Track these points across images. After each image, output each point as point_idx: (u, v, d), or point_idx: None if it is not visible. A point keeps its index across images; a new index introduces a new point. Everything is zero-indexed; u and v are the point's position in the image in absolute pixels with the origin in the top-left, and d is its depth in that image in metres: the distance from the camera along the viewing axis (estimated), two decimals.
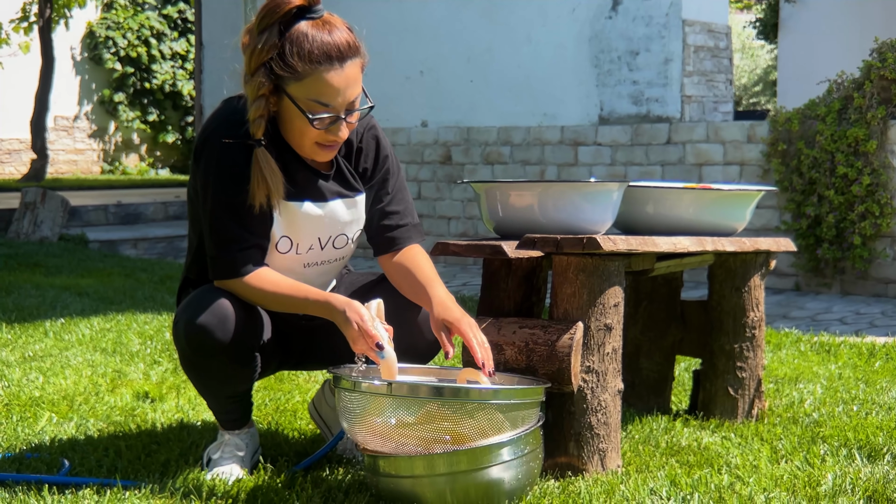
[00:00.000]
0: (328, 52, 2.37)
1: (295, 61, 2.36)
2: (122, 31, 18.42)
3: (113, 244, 9.17)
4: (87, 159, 18.76)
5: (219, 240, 2.53)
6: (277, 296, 2.51)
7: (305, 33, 2.37)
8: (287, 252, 2.62)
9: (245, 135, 2.47)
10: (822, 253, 6.56)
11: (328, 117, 2.42)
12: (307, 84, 2.38)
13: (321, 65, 2.37)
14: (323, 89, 2.39)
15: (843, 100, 6.61)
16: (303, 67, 2.36)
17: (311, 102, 2.39)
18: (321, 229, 2.63)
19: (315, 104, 2.39)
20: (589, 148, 7.80)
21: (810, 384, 3.87)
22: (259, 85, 2.37)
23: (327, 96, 2.39)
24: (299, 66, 2.36)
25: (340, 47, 2.38)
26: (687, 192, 3.14)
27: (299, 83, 2.38)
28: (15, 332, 4.87)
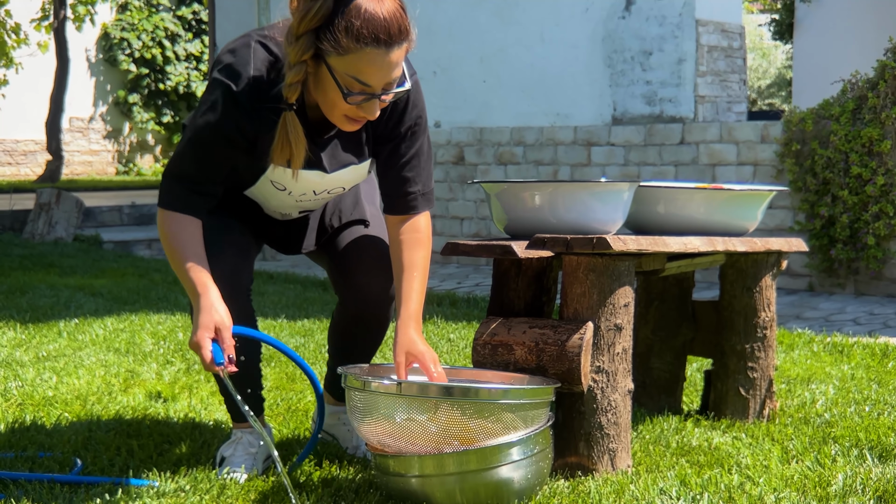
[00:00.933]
0: (377, 34, 2.27)
1: (341, 35, 2.28)
2: (136, 32, 18.48)
3: (127, 245, 9.20)
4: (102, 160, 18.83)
5: (181, 170, 2.51)
6: (174, 247, 2.50)
7: (359, 7, 2.27)
8: (281, 191, 2.65)
9: (272, 98, 2.43)
10: (836, 253, 6.53)
11: (364, 96, 2.35)
12: (349, 60, 2.29)
13: (367, 45, 2.27)
14: (364, 69, 2.31)
15: (858, 100, 6.59)
16: (348, 43, 2.27)
17: (350, 79, 2.32)
18: (317, 187, 2.65)
19: (353, 81, 2.32)
20: (602, 148, 7.79)
21: (822, 385, 3.86)
22: (303, 50, 2.29)
23: (367, 76, 2.32)
24: (345, 41, 2.27)
25: (391, 30, 2.29)
26: (698, 192, 3.14)
27: (341, 57, 2.29)
28: (29, 332, 4.89)
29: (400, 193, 2.62)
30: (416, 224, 2.65)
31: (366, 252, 2.82)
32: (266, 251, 9.02)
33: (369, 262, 2.80)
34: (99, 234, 9.33)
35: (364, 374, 2.66)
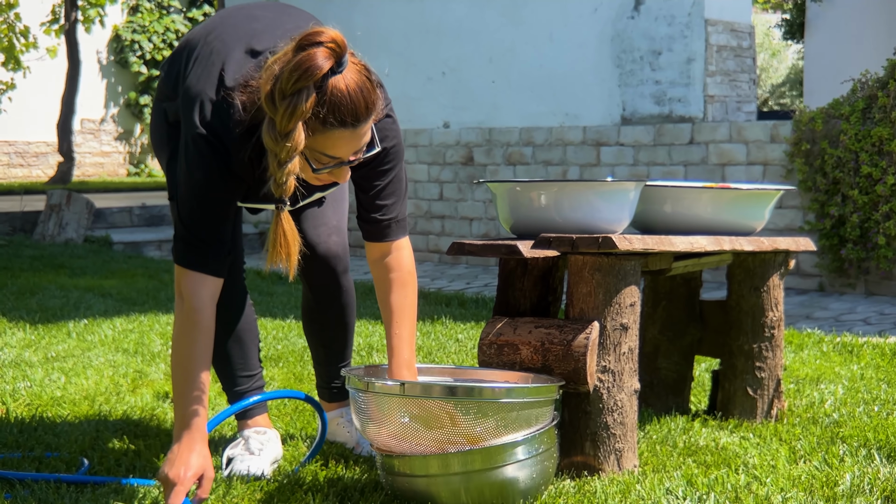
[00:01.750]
0: (343, 118, 2.22)
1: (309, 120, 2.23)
2: (147, 34, 18.53)
3: (137, 246, 9.22)
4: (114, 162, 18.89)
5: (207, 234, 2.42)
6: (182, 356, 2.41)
7: (324, 91, 2.20)
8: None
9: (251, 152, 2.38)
10: (846, 253, 6.51)
11: (332, 167, 2.32)
12: (316, 140, 2.25)
13: (335, 127, 2.23)
14: (332, 147, 2.27)
15: (868, 99, 6.56)
16: (314, 127, 2.22)
17: (319, 154, 2.28)
18: None
19: (322, 156, 2.29)
20: (611, 148, 7.78)
21: (831, 385, 3.85)
22: (296, 144, 2.20)
23: (335, 151, 2.28)
24: (312, 125, 2.22)
25: (357, 111, 2.23)
26: (705, 191, 3.13)
27: (309, 138, 2.24)
28: (38, 332, 4.91)
29: (374, 220, 2.60)
30: (399, 261, 2.62)
31: (318, 218, 2.86)
32: None
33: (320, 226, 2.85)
34: (109, 235, 9.36)
35: (367, 374, 2.67)
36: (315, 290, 2.93)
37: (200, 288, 2.41)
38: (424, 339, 4.80)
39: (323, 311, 2.95)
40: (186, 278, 2.42)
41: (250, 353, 2.89)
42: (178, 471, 2.32)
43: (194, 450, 2.35)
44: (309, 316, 3.01)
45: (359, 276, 7.90)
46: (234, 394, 2.89)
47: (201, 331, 2.41)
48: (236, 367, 2.86)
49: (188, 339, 2.40)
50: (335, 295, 2.93)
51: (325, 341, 2.99)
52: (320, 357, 3.02)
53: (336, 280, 2.91)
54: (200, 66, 2.42)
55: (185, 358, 2.40)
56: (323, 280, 2.90)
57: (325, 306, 2.94)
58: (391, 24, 8.86)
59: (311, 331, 3.02)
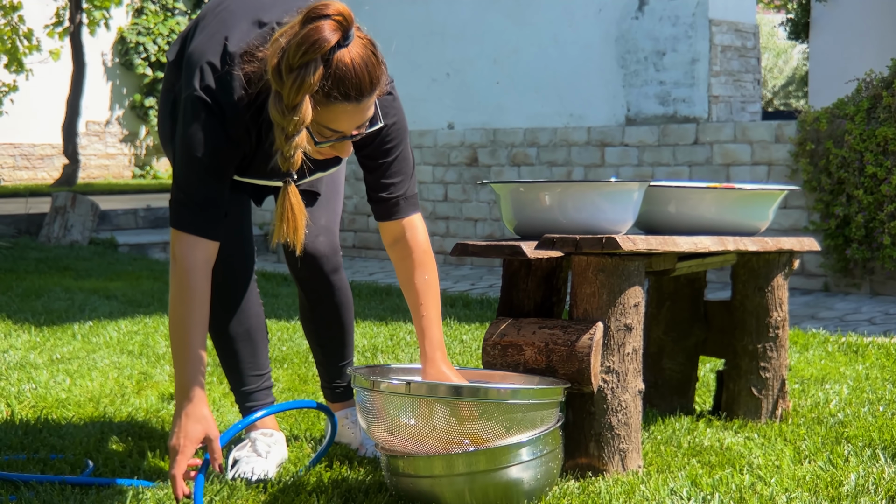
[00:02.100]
0: (347, 92, 2.23)
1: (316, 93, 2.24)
2: (152, 36, 18.55)
3: (142, 247, 9.23)
4: (119, 164, 18.91)
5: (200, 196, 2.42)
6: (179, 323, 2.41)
7: (329, 64, 2.20)
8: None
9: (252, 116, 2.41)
10: (851, 253, 6.50)
11: (334, 140, 2.33)
12: (319, 113, 2.25)
13: (338, 101, 2.23)
14: (335, 120, 2.28)
15: (872, 99, 6.56)
16: (318, 101, 2.23)
17: (322, 127, 2.29)
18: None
19: (324, 129, 2.30)
20: (616, 149, 7.78)
21: (836, 385, 3.84)
22: (303, 118, 2.21)
23: (338, 125, 2.29)
24: (316, 98, 2.23)
25: (361, 85, 2.24)
26: (709, 191, 3.13)
27: (315, 110, 2.24)
28: (43, 334, 4.91)
29: (381, 199, 2.60)
30: (415, 240, 2.61)
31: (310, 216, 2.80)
32: (279, 254, 9.04)
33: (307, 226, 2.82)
34: (114, 238, 9.37)
35: (373, 374, 2.67)
36: (306, 289, 2.96)
37: (193, 250, 2.41)
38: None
39: (314, 309, 2.97)
40: (180, 241, 2.42)
41: (259, 352, 2.89)
42: (178, 440, 2.33)
43: (193, 416, 2.35)
44: (303, 315, 3.03)
45: (363, 276, 7.91)
46: (241, 393, 2.89)
47: (194, 293, 2.40)
48: (245, 365, 2.87)
49: (182, 303, 2.40)
50: (325, 294, 2.94)
51: (321, 340, 3.01)
52: (319, 356, 3.04)
53: (325, 279, 2.92)
54: (205, 33, 2.44)
55: (180, 322, 2.40)
56: (312, 280, 2.93)
57: (315, 304, 2.96)
58: (395, 26, 8.86)
59: (308, 330, 3.05)
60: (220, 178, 2.44)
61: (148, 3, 18.83)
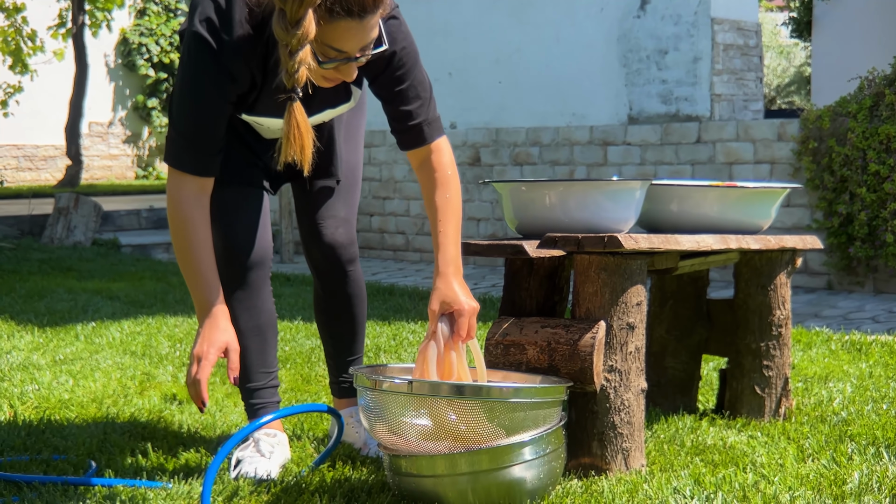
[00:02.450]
0: (350, 7, 2.24)
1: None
2: (154, 37, 18.56)
3: (145, 248, 9.24)
4: (122, 165, 18.93)
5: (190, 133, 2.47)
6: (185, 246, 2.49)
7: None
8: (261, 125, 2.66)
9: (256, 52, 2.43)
10: (855, 251, 6.50)
11: (339, 61, 2.34)
12: (323, 31, 2.26)
13: (341, 17, 2.25)
14: (338, 39, 2.29)
15: (875, 97, 6.55)
16: (321, 17, 2.25)
17: (325, 47, 2.30)
18: None
19: (328, 49, 2.31)
20: (618, 148, 7.77)
21: (840, 383, 3.84)
22: (307, 32, 2.23)
23: (342, 44, 2.30)
24: (320, 12, 2.26)
25: (364, 1, 2.26)
26: (711, 190, 3.12)
27: (318, 27, 2.26)
28: (47, 335, 4.92)
29: (404, 128, 2.61)
30: (439, 161, 2.63)
31: (328, 210, 2.89)
32: (282, 255, 9.04)
33: (328, 217, 2.88)
34: (117, 238, 9.38)
35: (375, 373, 2.66)
36: (323, 279, 2.96)
37: (184, 186, 2.47)
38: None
39: (329, 299, 2.97)
40: (173, 177, 2.49)
41: (269, 350, 2.89)
42: (202, 348, 2.42)
43: (216, 327, 2.45)
44: (318, 307, 3.03)
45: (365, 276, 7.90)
46: (247, 390, 2.88)
47: (189, 221, 2.47)
48: (253, 361, 2.86)
49: (181, 233, 2.48)
50: (341, 283, 2.95)
51: (333, 332, 3.01)
52: (329, 349, 3.04)
53: (342, 269, 2.93)
54: None
55: (184, 251, 2.48)
56: (329, 270, 2.93)
57: (330, 294, 2.96)
58: None
59: (321, 322, 3.04)
60: (215, 115, 2.46)
61: (150, 4, 18.85)
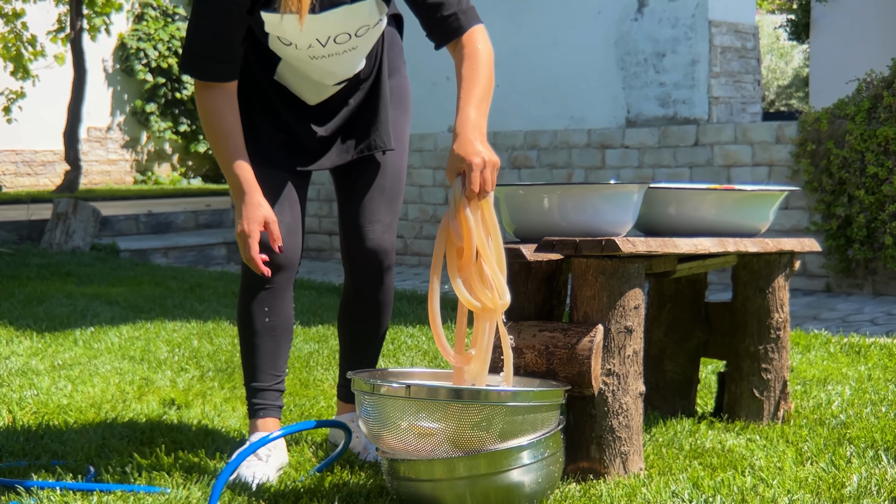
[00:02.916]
0: None
1: None
2: (152, 42, 18.56)
3: (144, 253, 9.24)
4: (120, 170, 18.92)
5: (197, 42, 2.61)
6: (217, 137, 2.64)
7: None
8: (288, 46, 2.67)
9: None
10: (853, 254, 6.50)
11: None
12: None
13: None
14: None
15: (873, 99, 6.55)
16: None
17: None
18: (312, 35, 2.64)
19: None
20: (616, 151, 7.77)
21: (839, 385, 3.84)
22: None
23: None
24: None
25: None
26: (709, 193, 3.13)
27: None
28: (45, 340, 4.91)
29: (437, 22, 2.64)
30: (471, 40, 2.67)
31: (374, 214, 2.93)
32: None
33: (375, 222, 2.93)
34: (116, 243, 9.37)
35: (374, 377, 2.66)
36: (357, 281, 2.96)
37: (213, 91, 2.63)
38: (429, 343, 4.80)
39: (359, 303, 2.98)
40: (199, 88, 2.64)
41: (281, 353, 2.88)
42: (244, 226, 2.60)
43: (252, 204, 2.61)
44: (345, 308, 3.03)
45: None
46: (251, 389, 2.87)
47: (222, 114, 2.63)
48: (264, 361, 2.86)
49: (215, 125, 2.63)
50: (375, 289, 2.96)
51: (356, 336, 3.02)
52: (347, 351, 3.04)
53: (380, 275, 2.95)
54: None
55: (217, 140, 2.63)
56: (366, 273, 2.95)
57: (361, 298, 2.97)
58: None
59: (344, 324, 3.04)
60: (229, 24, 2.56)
61: (148, 9, 18.85)
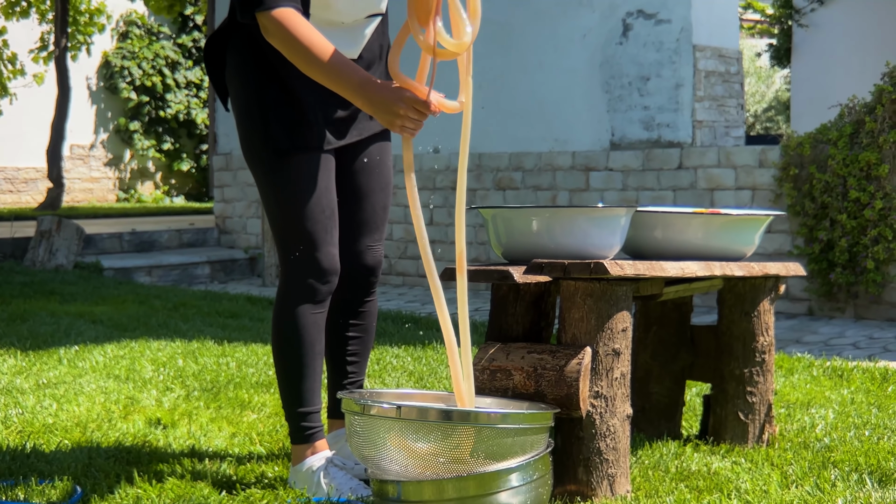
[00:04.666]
0: None
1: None
2: (137, 60, 18.55)
3: (127, 272, 9.21)
4: (103, 187, 18.87)
5: None
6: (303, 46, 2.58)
7: None
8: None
9: None
10: (835, 277, 6.54)
11: None
12: None
13: None
14: None
15: (855, 124, 6.61)
16: None
17: None
18: None
19: None
20: (600, 173, 7.82)
21: (822, 409, 3.86)
22: None
23: None
24: None
25: None
26: (695, 217, 3.15)
27: None
28: (30, 359, 4.90)
29: None
30: None
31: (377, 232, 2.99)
32: (264, 278, 9.03)
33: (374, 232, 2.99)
34: (99, 262, 9.34)
35: (363, 398, 2.67)
36: (353, 294, 2.99)
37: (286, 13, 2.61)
38: (416, 364, 4.81)
39: (354, 314, 3.01)
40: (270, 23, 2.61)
41: (320, 373, 2.88)
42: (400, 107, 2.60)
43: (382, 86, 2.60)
44: (334, 324, 3.01)
45: None
46: (299, 414, 2.84)
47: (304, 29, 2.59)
48: (315, 382, 2.84)
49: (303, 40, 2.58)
50: (369, 301, 3.01)
51: (347, 350, 3.02)
52: (339, 362, 3.03)
53: (372, 290, 3.01)
54: None
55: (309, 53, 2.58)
56: (362, 286, 2.99)
57: (352, 314, 3.00)
58: None
59: (335, 336, 3.02)
60: None
61: (133, 27, 18.85)
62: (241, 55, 2.79)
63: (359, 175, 2.97)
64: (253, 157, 2.82)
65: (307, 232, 2.77)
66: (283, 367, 2.82)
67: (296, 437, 2.85)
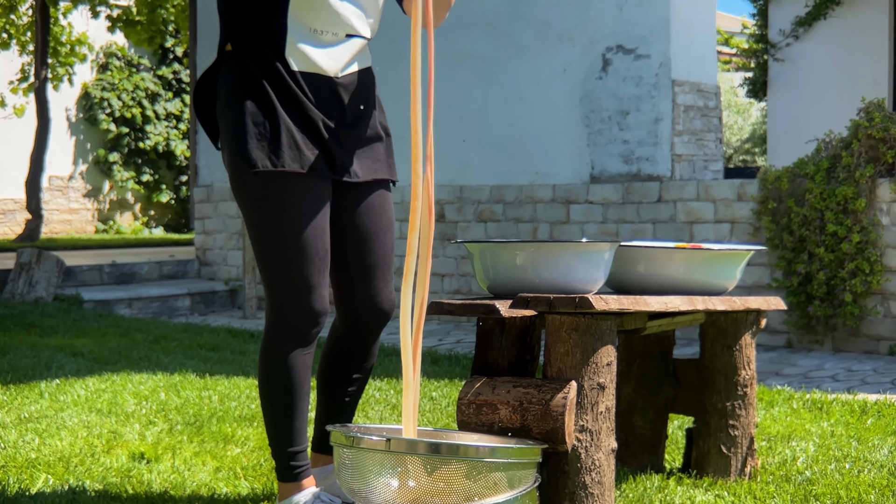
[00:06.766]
0: None
1: None
2: (116, 92, 18.57)
3: (108, 304, 9.18)
4: (82, 219, 18.82)
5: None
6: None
7: None
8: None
9: None
10: (814, 310, 6.60)
11: None
12: None
13: None
14: None
15: (832, 158, 6.69)
16: None
17: None
18: None
19: None
20: (581, 206, 7.87)
21: (803, 442, 3.89)
22: None
23: None
24: None
25: None
26: (677, 251, 3.19)
27: None
28: (10, 393, 4.88)
29: None
30: None
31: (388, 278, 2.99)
32: (244, 310, 9.02)
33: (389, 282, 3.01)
34: (79, 294, 9.31)
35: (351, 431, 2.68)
36: (359, 338, 2.99)
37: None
38: (398, 397, 4.81)
39: (353, 356, 3.01)
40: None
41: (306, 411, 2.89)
42: None
43: None
44: (331, 362, 3.01)
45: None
46: (288, 454, 2.82)
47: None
48: (302, 421, 2.83)
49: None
50: (371, 345, 3.03)
51: (343, 389, 3.02)
52: (328, 406, 3.02)
53: (378, 333, 3.03)
54: None
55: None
56: (370, 331, 2.99)
57: (353, 356, 3.00)
58: None
59: (330, 379, 3.02)
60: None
61: (113, 59, 18.88)
62: (232, 80, 2.74)
63: (364, 216, 2.94)
64: (241, 189, 2.75)
65: (302, 276, 2.73)
66: (272, 407, 2.80)
67: (284, 476, 2.84)
